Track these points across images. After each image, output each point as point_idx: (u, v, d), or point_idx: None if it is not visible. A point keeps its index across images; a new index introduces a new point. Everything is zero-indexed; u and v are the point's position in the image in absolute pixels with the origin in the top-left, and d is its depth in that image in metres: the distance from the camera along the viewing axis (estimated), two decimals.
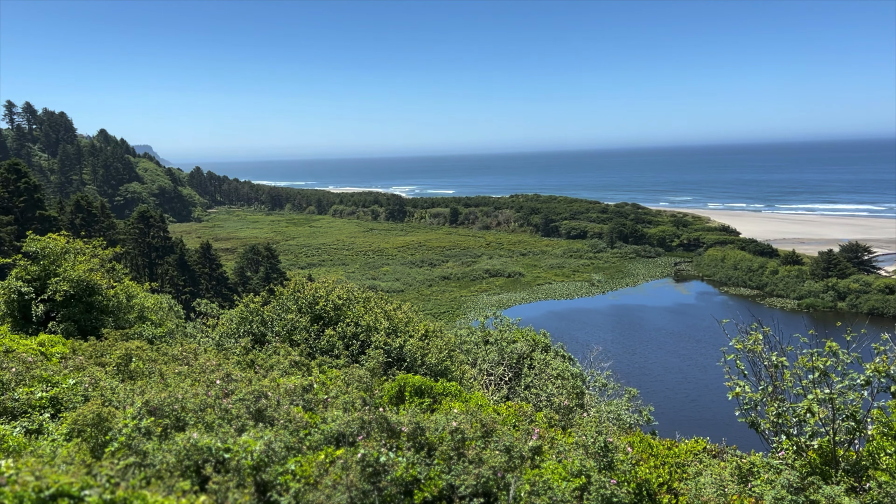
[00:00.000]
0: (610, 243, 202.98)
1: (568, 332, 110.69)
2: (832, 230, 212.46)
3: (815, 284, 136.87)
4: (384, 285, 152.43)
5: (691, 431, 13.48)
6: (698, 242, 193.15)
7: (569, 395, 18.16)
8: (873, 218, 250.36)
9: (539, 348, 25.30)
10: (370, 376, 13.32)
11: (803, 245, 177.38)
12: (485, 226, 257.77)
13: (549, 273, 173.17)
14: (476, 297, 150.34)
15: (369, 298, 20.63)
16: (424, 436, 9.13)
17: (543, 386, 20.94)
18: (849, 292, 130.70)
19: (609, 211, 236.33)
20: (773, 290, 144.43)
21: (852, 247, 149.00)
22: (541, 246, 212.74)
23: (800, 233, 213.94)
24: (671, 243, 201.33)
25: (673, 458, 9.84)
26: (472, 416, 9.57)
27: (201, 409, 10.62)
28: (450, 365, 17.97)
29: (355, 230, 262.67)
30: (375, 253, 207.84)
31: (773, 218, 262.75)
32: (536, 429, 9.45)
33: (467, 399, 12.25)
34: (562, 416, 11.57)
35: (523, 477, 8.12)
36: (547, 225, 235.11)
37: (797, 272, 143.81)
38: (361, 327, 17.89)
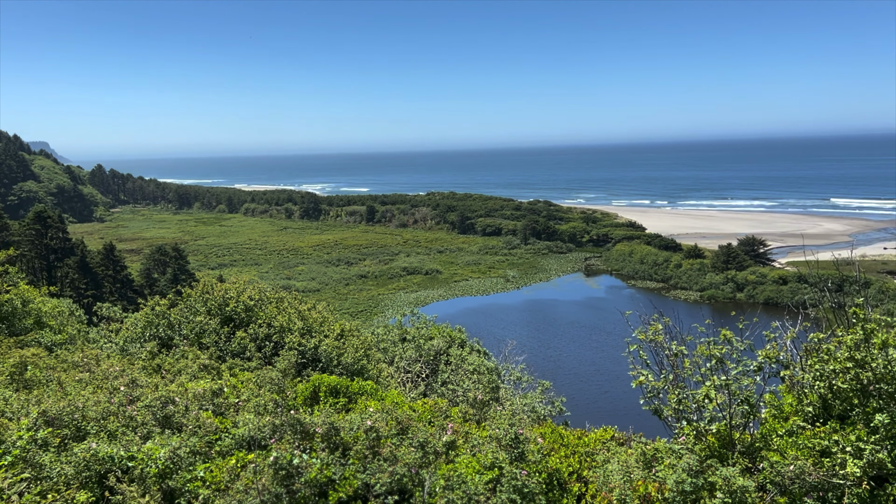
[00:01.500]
0: (524, 240, 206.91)
1: (484, 327, 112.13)
2: (731, 225, 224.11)
3: (715, 277, 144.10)
4: (299, 285, 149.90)
5: (603, 421, 13.94)
6: (607, 238, 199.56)
7: (484, 390, 18.41)
8: (768, 213, 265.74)
9: (456, 344, 25.53)
10: (283, 378, 13.10)
11: (704, 239, 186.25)
12: (402, 224, 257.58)
13: (466, 270, 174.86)
14: (394, 294, 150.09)
15: (282, 299, 20.26)
16: (339, 436, 9.07)
17: (460, 381, 21.12)
18: (746, 283, 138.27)
19: (523, 208, 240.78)
20: (678, 283, 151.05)
21: (749, 241, 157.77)
22: (457, 243, 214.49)
23: (701, 228, 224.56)
24: (581, 239, 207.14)
25: (583, 447, 10.16)
26: (387, 414, 9.58)
27: (103, 417, 10.17)
28: (366, 364, 17.88)
29: (268, 229, 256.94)
30: (290, 252, 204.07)
31: (677, 214, 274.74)
32: (451, 424, 9.56)
33: (383, 397, 12.24)
34: (476, 411, 11.73)
35: (438, 472, 8.20)
36: (463, 222, 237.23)
37: (699, 265, 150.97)
38: (274, 328, 17.56)
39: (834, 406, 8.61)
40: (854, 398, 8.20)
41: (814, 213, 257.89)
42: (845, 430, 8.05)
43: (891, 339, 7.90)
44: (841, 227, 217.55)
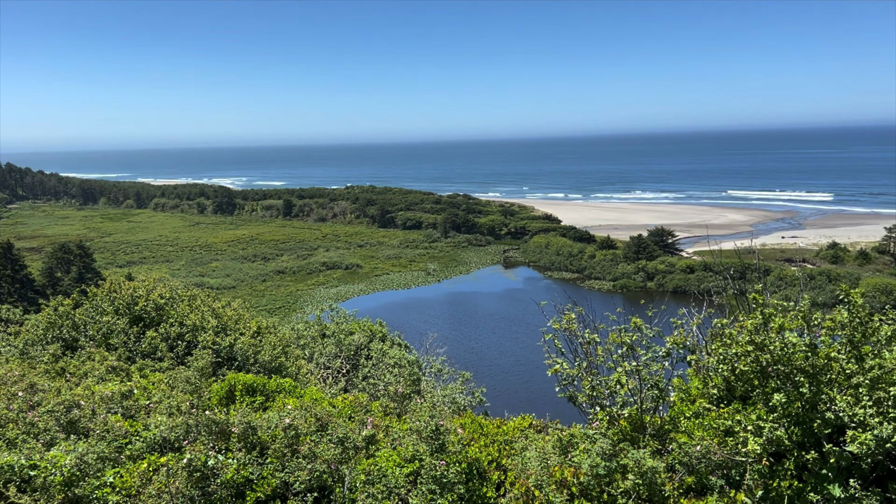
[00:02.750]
0: (444, 233, 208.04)
1: (406, 320, 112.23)
2: (641, 217, 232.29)
3: (627, 266, 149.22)
4: (213, 282, 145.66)
5: (524, 409, 14.20)
6: (524, 230, 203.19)
7: (405, 383, 18.43)
8: (676, 205, 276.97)
9: (377, 338, 25.44)
10: (197, 377, 12.71)
11: (617, 231, 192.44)
12: (320, 218, 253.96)
13: (387, 264, 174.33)
14: (313, 290, 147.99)
15: (195, 296, 19.62)
16: (256, 435, 8.89)
17: (381, 375, 21.08)
18: (656, 273, 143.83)
19: (443, 202, 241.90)
20: (592, 273, 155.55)
21: (658, 232, 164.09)
22: (378, 237, 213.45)
23: (613, 219, 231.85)
24: (500, 232, 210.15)
25: (502, 435, 10.32)
26: (306, 411, 9.46)
27: (1, 425, 9.60)
28: (284, 361, 17.56)
29: (180, 225, 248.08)
30: (203, 248, 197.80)
31: (590, 206, 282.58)
32: (371, 418, 9.52)
33: (302, 394, 12.06)
34: (397, 404, 11.74)
35: (358, 467, 8.16)
36: (383, 216, 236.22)
37: (612, 256, 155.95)
38: (187, 327, 16.99)
39: (736, 388, 9.08)
40: (754, 379, 8.67)
41: (718, 205, 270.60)
42: (747, 410, 8.51)
43: (787, 323, 8.39)
44: (743, 218, 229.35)
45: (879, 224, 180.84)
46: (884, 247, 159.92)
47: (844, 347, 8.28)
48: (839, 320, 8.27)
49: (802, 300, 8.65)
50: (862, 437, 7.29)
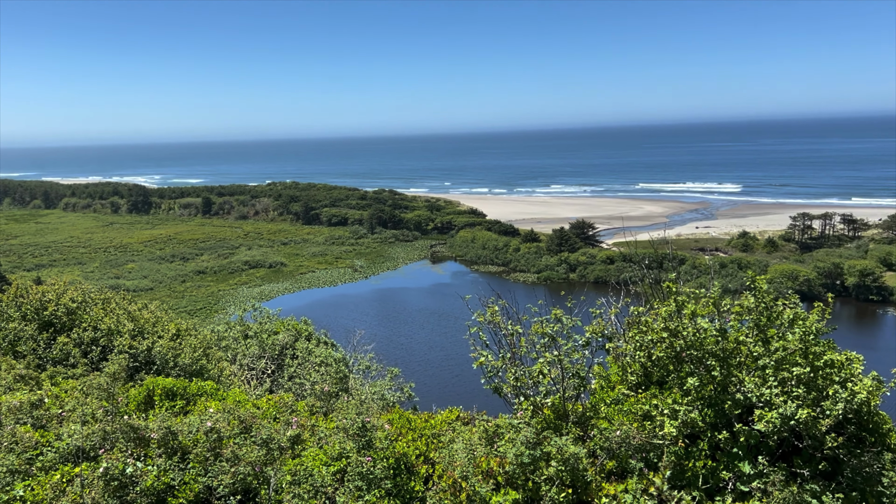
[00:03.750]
0: (370, 229, 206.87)
1: (333, 318, 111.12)
2: (563, 210, 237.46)
3: (550, 259, 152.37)
4: (130, 284, 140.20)
5: (454, 403, 14.31)
6: (451, 225, 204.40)
7: (332, 381, 18.27)
8: (596, 198, 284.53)
9: (302, 337, 25.09)
10: (113, 383, 12.21)
11: (540, 224, 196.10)
12: (242, 215, 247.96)
13: (312, 261, 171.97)
14: (236, 290, 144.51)
15: (110, 299, 18.84)
16: (177, 440, 8.64)
17: (307, 375, 20.80)
18: (578, 264, 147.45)
19: (368, 197, 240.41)
20: (517, 266, 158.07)
21: (579, 224, 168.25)
22: (302, 234, 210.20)
23: (536, 213, 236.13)
24: (427, 227, 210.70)
25: (430, 429, 10.38)
26: (229, 413, 9.26)
27: None
28: (206, 363, 17.10)
29: (93, 225, 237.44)
30: (118, 249, 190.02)
31: (514, 200, 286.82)
32: (295, 418, 9.40)
33: (225, 397, 11.79)
34: (324, 403, 11.63)
35: (284, 468, 8.05)
36: (307, 213, 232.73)
37: (536, 249, 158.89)
38: (101, 331, 16.30)
39: (653, 373, 9.43)
40: (670, 365, 9.02)
41: (636, 197, 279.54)
42: (663, 395, 8.85)
43: (699, 310, 8.77)
44: (659, 210, 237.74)
45: (785, 213, 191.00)
46: (789, 235, 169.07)
47: (752, 331, 8.72)
48: (746, 306, 8.70)
49: (713, 287, 9.05)
50: (768, 416, 7.70)
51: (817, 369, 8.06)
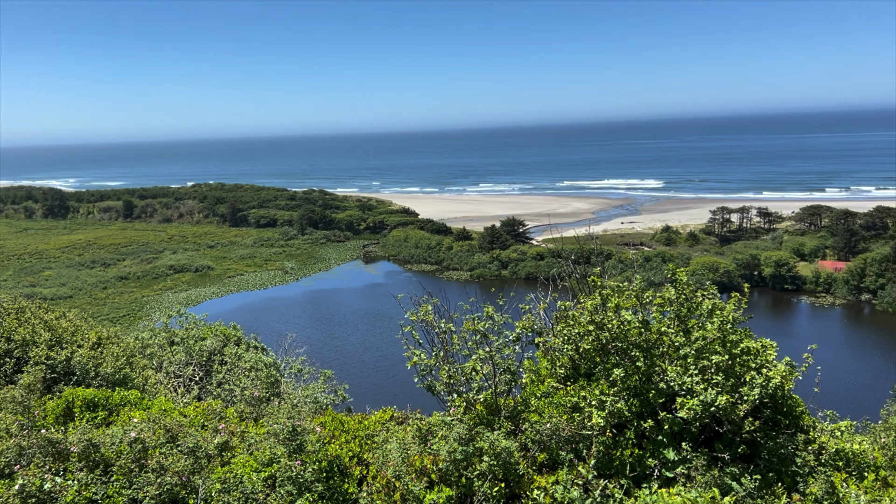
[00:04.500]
0: (301, 230, 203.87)
1: (264, 322, 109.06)
2: (494, 208, 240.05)
3: (482, 256, 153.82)
4: (47, 292, 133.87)
5: (390, 403, 14.24)
6: (383, 224, 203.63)
7: (262, 386, 17.94)
8: (525, 195, 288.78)
9: (231, 342, 24.52)
10: (28, 395, 11.64)
11: (472, 222, 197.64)
12: (165, 218, 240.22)
13: (241, 264, 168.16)
14: (161, 296, 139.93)
15: (24, 309, 17.92)
16: (99, 452, 8.32)
17: (237, 380, 20.36)
18: (510, 261, 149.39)
19: (298, 198, 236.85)
20: (450, 264, 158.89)
21: (510, 221, 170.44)
22: (230, 236, 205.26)
23: (468, 211, 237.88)
24: (359, 227, 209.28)
25: (364, 430, 10.33)
26: (154, 422, 8.97)
27: None
28: (129, 372, 16.50)
29: (5, 231, 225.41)
30: (33, 256, 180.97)
31: (446, 199, 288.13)
32: (223, 425, 9.19)
33: (149, 406, 11.41)
34: (254, 408, 11.41)
35: (213, 476, 7.86)
36: (234, 214, 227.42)
37: (468, 247, 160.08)
38: (15, 343, 15.49)
39: (581, 366, 9.65)
40: (596, 357, 9.25)
41: (564, 194, 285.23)
42: (591, 386, 9.07)
43: (622, 303, 9.02)
44: (586, 206, 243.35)
45: (705, 208, 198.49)
46: (709, 228, 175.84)
47: (673, 322, 9.04)
48: (667, 297, 9.01)
49: (635, 280, 9.33)
50: (690, 404, 8.00)
51: (735, 357, 8.42)
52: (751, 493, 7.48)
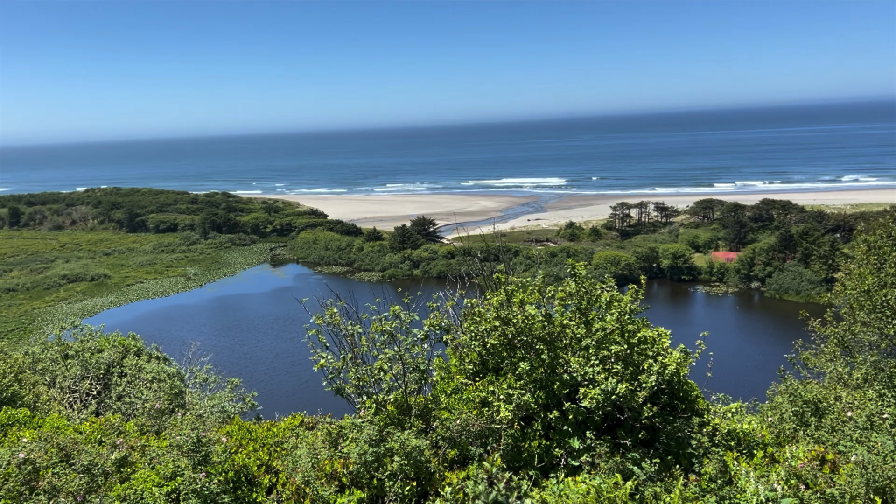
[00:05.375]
0: (203, 234, 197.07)
1: (167, 331, 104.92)
2: (404, 207, 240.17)
3: (394, 256, 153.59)
4: None
5: (302, 409, 14.00)
6: (291, 227, 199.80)
7: (165, 398, 17.28)
8: (435, 194, 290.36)
9: (131, 354, 23.47)
10: None
11: (382, 222, 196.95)
12: (56, 226, 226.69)
13: (140, 272, 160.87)
14: (53, 307, 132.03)
15: None
16: None
17: (138, 393, 19.51)
18: (421, 260, 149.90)
19: (200, 201, 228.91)
20: (361, 265, 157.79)
21: (420, 221, 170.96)
22: (127, 243, 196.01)
23: (378, 211, 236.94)
24: (265, 229, 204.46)
25: (272, 438, 10.13)
26: (46, 441, 8.49)
27: None
28: (18, 390, 15.53)
29: None
30: None
31: (355, 199, 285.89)
32: (122, 440, 8.79)
33: (41, 424, 10.77)
34: (155, 421, 10.98)
35: (111, 493, 7.51)
36: (132, 220, 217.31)
37: (379, 247, 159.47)
38: None
39: (489, 361, 9.82)
40: (503, 352, 9.44)
41: (472, 193, 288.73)
42: (499, 381, 9.25)
43: (526, 298, 9.24)
44: (494, 204, 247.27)
45: (606, 204, 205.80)
46: (611, 223, 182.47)
47: (575, 315, 9.34)
48: (568, 291, 9.30)
49: (537, 276, 9.58)
50: (592, 393, 8.29)
51: (633, 346, 8.79)
52: (651, 477, 7.82)
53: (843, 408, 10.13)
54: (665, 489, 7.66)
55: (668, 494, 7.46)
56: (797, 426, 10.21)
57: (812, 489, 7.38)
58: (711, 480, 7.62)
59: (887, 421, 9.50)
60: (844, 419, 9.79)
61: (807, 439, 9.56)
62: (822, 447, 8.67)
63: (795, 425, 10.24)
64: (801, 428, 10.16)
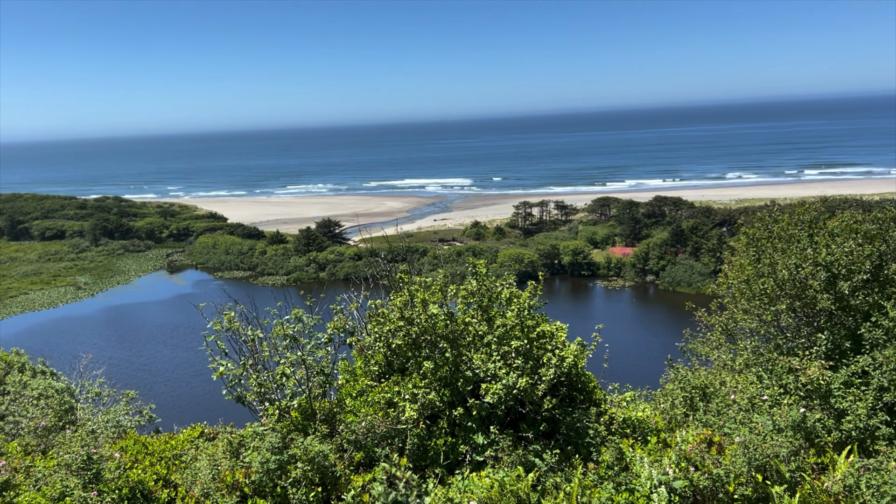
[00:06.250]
0: (94, 241, 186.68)
1: (55, 345, 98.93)
2: (309, 209, 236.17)
3: (299, 259, 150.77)
4: None
5: (205, 419, 13.51)
6: (188, 231, 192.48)
7: (54, 415, 16.30)
8: (340, 196, 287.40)
9: (14, 370, 22.02)
10: None
11: (286, 225, 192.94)
12: None
13: (24, 282, 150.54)
14: None
15: None
16: None
17: (23, 411, 18.31)
18: (327, 262, 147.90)
19: (89, 206, 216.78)
20: (265, 269, 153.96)
21: (326, 223, 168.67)
22: (9, 252, 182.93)
23: (281, 214, 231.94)
24: (161, 235, 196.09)
25: (171, 451, 9.77)
26: None
27: None
28: None
29: None
30: None
31: (257, 202, 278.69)
32: (3, 461, 8.23)
33: None
34: (41, 440, 10.35)
35: None
36: (14, 227, 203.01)
37: (283, 250, 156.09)
38: None
39: (394, 361, 9.84)
40: (408, 352, 9.49)
41: (379, 194, 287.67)
42: (404, 381, 9.29)
43: (428, 297, 9.33)
44: (400, 205, 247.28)
45: (509, 203, 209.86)
46: (514, 222, 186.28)
47: (477, 312, 9.51)
48: (470, 290, 9.46)
49: (438, 275, 9.69)
50: (494, 388, 8.47)
51: (532, 341, 9.05)
52: (552, 467, 8.08)
53: (727, 392, 10.80)
54: (565, 479, 7.93)
55: (568, 484, 7.73)
56: (687, 411, 10.80)
57: (701, 470, 7.83)
58: (609, 468, 7.95)
59: (766, 402, 10.20)
60: (729, 402, 10.45)
61: (696, 423, 10.12)
62: (710, 430, 9.21)
63: (685, 410, 10.82)
64: (691, 413, 10.75)
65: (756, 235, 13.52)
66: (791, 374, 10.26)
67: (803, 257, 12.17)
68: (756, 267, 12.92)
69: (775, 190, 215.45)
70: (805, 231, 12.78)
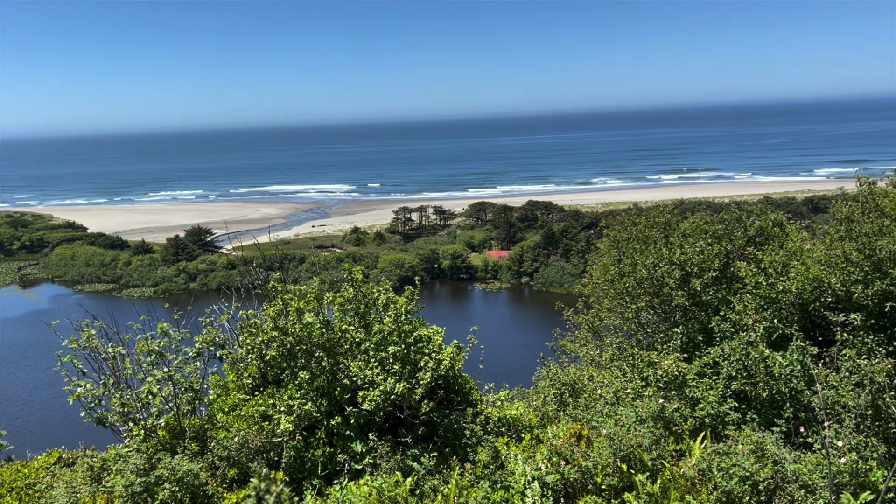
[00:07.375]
0: None
1: None
2: (178, 217, 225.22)
3: (167, 270, 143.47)
4: None
5: (65, 444, 12.51)
6: (43, 242, 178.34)
7: None
8: (211, 202, 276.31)
9: None
10: None
11: (152, 234, 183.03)
12: None
13: None
14: None
15: None
16: None
17: None
18: (198, 272, 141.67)
19: None
20: (129, 281, 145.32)
21: (196, 231, 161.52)
22: None
23: (148, 222, 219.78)
24: (11, 247, 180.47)
25: (23, 479, 9.06)
26: None
27: None
28: None
29: None
30: None
31: (120, 210, 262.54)
32: None
33: None
34: None
35: None
36: None
37: (149, 260, 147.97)
38: None
39: (269, 373, 9.59)
40: (283, 362, 9.28)
41: (253, 200, 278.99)
42: (280, 393, 9.07)
43: (303, 305, 9.18)
44: (276, 211, 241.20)
45: (388, 208, 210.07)
46: (394, 227, 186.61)
47: (353, 319, 9.46)
48: (346, 297, 9.40)
49: (313, 283, 9.56)
50: (371, 395, 8.46)
51: (410, 345, 9.12)
52: (430, 470, 8.17)
53: (595, 387, 11.35)
54: (443, 480, 8.04)
55: (446, 485, 7.85)
56: (558, 407, 11.25)
57: (571, 464, 8.19)
58: (485, 467, 8.14)
59: (630, 395, 10.82)
60: (596, 397, 10.99)
61: (566, 419, 10.56)
62: (579, 424, 9.64)
63: (556, 406, 11.27)
64: (562, 408, 11.21)
65: (617, 237, 14.35)
66: (651, 368, 10.94)
67: (659, 257, 13.03)
68: (618, 267, 13.70)
69: (638, 193, 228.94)
70: (661, 232, 13.71)
